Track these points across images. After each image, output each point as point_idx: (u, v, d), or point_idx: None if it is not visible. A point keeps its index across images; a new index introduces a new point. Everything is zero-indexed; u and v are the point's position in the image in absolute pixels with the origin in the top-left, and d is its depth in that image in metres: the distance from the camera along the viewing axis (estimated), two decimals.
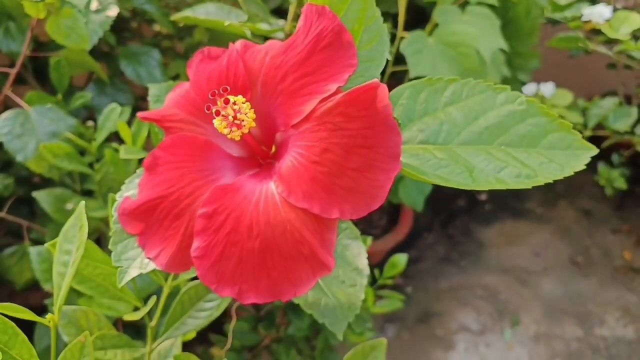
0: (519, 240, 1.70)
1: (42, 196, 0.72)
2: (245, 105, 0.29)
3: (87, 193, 0.82)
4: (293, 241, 0.28)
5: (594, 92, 1.69)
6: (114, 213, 0.34)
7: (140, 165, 0.73)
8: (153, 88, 0.52)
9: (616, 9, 1.33)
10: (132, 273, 0.33)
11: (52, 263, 0.65)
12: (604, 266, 1.59)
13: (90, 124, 0.77)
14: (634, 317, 1.43)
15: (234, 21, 0.62)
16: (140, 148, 0.67)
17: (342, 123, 0.27)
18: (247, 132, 0.30)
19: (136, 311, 0.46)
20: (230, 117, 0.29)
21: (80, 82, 1.02)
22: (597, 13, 1.22)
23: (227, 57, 0.33)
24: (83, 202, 0.35)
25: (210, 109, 0.30)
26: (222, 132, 0.30)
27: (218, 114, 0.29)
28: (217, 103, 0.30)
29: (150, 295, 0.49)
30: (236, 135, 0.29)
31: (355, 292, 0.41)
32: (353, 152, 0.27)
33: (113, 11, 0.84)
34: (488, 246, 1.68)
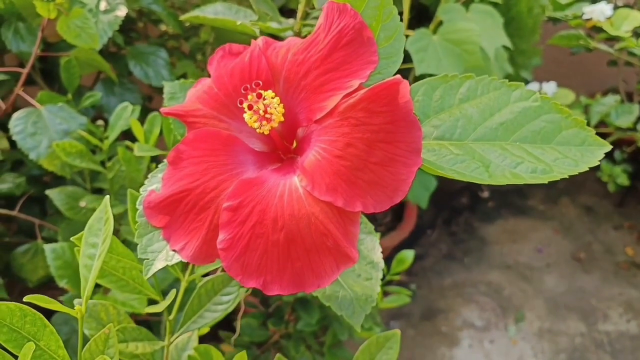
0: (522, 237, 1.71)
1: (55, 194, 0.73)
2: (275, 99, 0.30)
3: (97, 191, 0.83)
4: (317, 234, 0.28)
5: (596, 90, 1.70)
6: (139, 206, 0.35)
7: (151, 162, 0.74)
8: (167, 86, 0.53)
9: (617, 7, 1.34)
10: (158, 265, 0.34)
11: (67, 260, 0.66)
12: (607, 262, 1.60)
13: (100, 123, 0.78)
14: (637, 312, 1.44)
15: (243, 20, 0.62)
16: (152, 145, 0.67)
17: (365, 118, 0.28)
18: (276, 126, 0.31)
19: (152, 305, 0.47)
20: (261, 111, 0.30)
21: (87, 83, 1.03)
22: (598, 11, 1.23)
23: (250, 54, 0.33)
24: (107, 197, 0.35)
25: (242, 103, 0.30)
26: (252, 126, 0.30)
27: (251, 108, 0.30)
28: (248, 97, 0.30)
29: (164, 290, 0.49)
30: (266, 129, 0.30)
31: (371, 285, 0.42)
32: (375, 147, 0.27)
33: (122, 11, 0.85)
34: (491, 243, 1.69)
